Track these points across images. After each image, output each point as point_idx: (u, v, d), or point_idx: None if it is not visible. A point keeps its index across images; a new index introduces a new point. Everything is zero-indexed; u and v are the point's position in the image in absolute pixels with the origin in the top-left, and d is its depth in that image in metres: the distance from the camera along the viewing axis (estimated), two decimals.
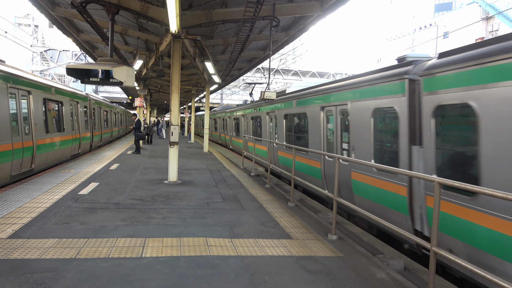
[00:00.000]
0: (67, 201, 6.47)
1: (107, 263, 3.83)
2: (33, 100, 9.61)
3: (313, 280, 3.68)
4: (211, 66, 13.28)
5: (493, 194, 2.53)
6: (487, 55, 3.89)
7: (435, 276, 3.12)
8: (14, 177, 8.53)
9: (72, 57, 32.61)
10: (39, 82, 10.26)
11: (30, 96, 9.49)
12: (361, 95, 6.49)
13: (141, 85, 19.57)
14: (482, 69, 3.95)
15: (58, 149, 11.68)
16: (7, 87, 8.12)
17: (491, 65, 3.84)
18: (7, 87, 8.12)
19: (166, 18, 7.86)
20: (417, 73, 5.05)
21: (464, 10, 43.84)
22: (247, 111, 16.97)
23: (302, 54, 35.28)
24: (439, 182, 3.06)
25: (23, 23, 51.73)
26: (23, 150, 8.83)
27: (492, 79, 3.81)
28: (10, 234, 4.59)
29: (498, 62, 3.74)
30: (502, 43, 3.83)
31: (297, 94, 9.90)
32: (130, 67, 7.05)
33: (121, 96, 50.59)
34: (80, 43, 14.53)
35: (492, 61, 3.80)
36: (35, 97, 9.77)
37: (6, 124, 7.91)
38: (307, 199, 8.22)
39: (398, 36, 52.34)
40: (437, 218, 3.08)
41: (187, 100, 35.86)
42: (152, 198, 7.08)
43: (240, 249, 4.48)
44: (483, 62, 3.92)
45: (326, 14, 9.02)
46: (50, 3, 9.98)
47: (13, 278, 3.38)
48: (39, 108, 10.11)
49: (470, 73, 4.11)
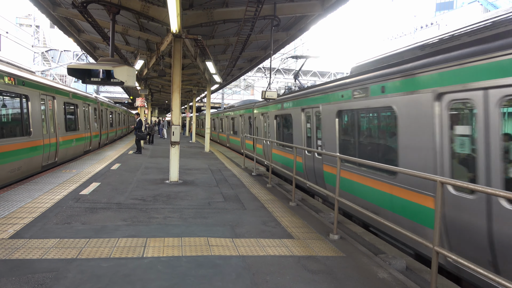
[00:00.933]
0: (68, 201, 6.47)
1: (109, 263, 3.83)
2: (56, 104, 11.43)
3: (314, 280, 3.68)
4: (212, 65, 13.27)
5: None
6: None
7: (437, 276, 3.11)
8: (44, 167, 10.39)
9: (73, 57, 32.66)
10: (61, 88, 12.17)
11: (54, 101, 11.29)
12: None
13: (142, 85, 19.60)
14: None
15: (75, 145, 13.55)
16: (39, 94, 9.93)
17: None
18: (39, 94, 9.93)
19: (167, 18, 7.85)
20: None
21: (465, 9, 43.74)
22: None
23: (303, 53, 35.22)
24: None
25: (24, 24, 51.86)
26: (50, 145, 10.67)
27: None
28: (12, 234, 4.59)
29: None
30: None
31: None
32: (131, 67, 7.05)
33: (122, 96, 50.67)
34: (81, 43, 14.54)
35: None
36: (58, 101, 11.58)
37: (39, 124, 9.75)
38: (309, 198, 8.21)
39: (399, 35, 52.24)
40: (439, 218, 3.07)
41: (188, 100, 35.87)
42: (153, 198, 7.07)
43: (241, 249, 4.47)
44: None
45: (327, 13, 9.00)
46: (51, 3, 9.98)
47: (15, 278, 3.38)
48: (61, 111, 11.96)
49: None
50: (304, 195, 8.51)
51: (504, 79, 3.48)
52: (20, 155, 8.63)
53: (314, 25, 10.38)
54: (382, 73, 5.71)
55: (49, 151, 10.59)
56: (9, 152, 8.09)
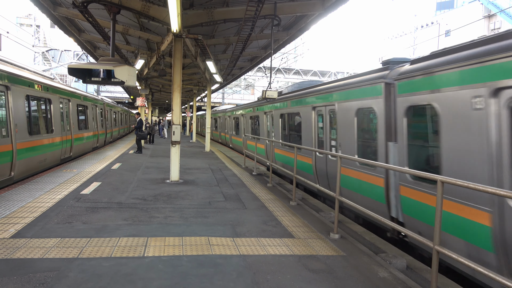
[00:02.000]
0: (69, 201, 6.48)
1: (110, 263, 3.84)
2: (71, 106, 13.09)
3: (315, 279, 3.68)
4: (212, 65, 13.28)
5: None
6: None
7: (437, 275, 3.12)
8: (62, 160, 12.09)
9: (73, 57, 32.68)
10: (74, 92, 13.92)
11: (69, 103, 12.95)
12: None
13: (142, 85, 19.61)
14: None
15: (85, 142, 15.19)
16: (58, 98, 11.64)
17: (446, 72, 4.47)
18: (58, 98, 11.64)
19: (168, 18, 7.86)
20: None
21: (466, 8, 43.67)
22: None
23: (304, 53, 35.23)
24: (441, 180, 3.06)
25: (25, 23, 51.86)
26: (66, 142, 12.36)
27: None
28: (13, 234, 4.60)
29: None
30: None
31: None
32: (131, 67, 7.05)
33: (123, 96, 50.63)
34: (81, 43, 14.55)
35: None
36: (72, 103, 13.26)
37: (58, 123, 11.47)
38: (309, 198, 8.21)
39: (399, 34, 52.18)
40: (440, 217, 3.07)
41: (189, 100, 35.88)
42: (154, 198, 7.08)
43: (242, 248, 4.48)
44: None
45: (327, 12, 9.00)
46: (51, 3, 9.99)
47: (16, 277, 3.39)
48: (74, 112, 13.56)
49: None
50: (304, 194, 8.52)
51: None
52: (46, 149, 10.34)
53: (315, 25, 10.37)
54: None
55: (66, 147, 12.31)
56: (39, 146, 9.77)
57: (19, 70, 9.23)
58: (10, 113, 8.15)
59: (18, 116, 8.53)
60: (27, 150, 8.99)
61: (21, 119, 8.68)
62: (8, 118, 8.12)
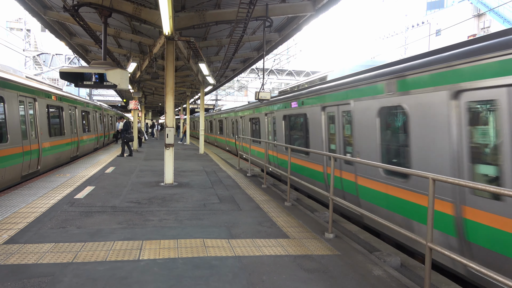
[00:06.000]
0: (63, 206, 6.44)
1: (105, 267, 3.83)
2: (77, 112, 15.41)
3: (310, 279, 3.71)
4: (205, 67, 13.27)
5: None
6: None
7: (431, 272, 3.16)
8: (71, 158, 14.38)
9: (65, 61, 32.38)
10: (80, 100, 16.38)
11: (76, 110, 15.21)
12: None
13: (135, 88, 19.51)
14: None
15: (88, 143, 17.64)
16: (68, 105, 13.97)
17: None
18: (68, 105, 13.97)
19: (159, 20, 7.84)
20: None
21: (456, 8, 44.17)
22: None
23: (296, 54, 35.31)
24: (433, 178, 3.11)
25: (15, 28, 51.35)
26: (74, 143, 14.49)
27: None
28: (6, 240, 4.56)
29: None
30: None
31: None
32: (124, 70, 7.03)
33: (116, 99, 50.34)
34: (73, 47, 14.45)
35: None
36: (78, 110, 15.55)
37: (68, 127, 13.73)
38: (304, 198, 8.25)
39: (391, 34, 52.57)
40: (432, 214, 3.11)
41: (182, 102, 35.78)
42: (148, 201, 7.06)
43: (237, 249, 4.49)
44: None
45: (319, 13, 9.05)
46: (42, 7, 9.92)
47: (10, 283, 3.37)
48: (80, 117, 15.83)
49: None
50: (299, 195, 8.55)
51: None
52: (59, 148, 12.48)
53: (307, 25, 10.43)
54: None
55: (74, 147, 14.55)
56: (56, 146, 12.06)
57: (40, 84, 11.59)
58: (37, 119, 10.27)
59: (42, 122, 10.69)
60: (49, 149, 11.23)
61: (44, 123, 10.84)
62: (35, 123, 10.20)
